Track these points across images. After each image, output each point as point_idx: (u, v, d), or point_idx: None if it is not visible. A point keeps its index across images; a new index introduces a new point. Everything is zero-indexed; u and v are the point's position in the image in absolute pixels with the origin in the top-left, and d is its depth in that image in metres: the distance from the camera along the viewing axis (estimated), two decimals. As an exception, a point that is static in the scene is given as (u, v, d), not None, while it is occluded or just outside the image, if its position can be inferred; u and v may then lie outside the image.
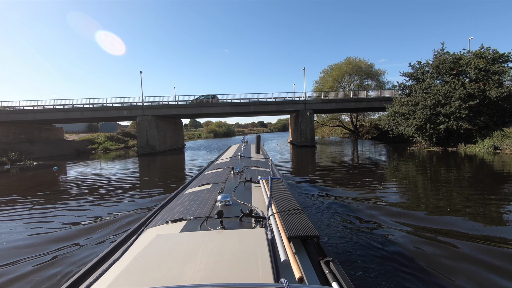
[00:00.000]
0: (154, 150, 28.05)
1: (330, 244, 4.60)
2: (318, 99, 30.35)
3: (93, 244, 5.08)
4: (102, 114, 28.31)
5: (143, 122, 27.84)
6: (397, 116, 22.42)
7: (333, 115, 45.24)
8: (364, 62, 41.08)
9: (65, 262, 4.36)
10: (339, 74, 41.17)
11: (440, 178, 10.73)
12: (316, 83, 45.83)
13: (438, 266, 3.84)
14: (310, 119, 29.14)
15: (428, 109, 19.33)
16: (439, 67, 20.27)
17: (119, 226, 5.99)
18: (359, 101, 30.35)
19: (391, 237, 4.93)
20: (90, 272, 1.70)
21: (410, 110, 20.96)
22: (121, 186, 11.15)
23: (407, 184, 10.15)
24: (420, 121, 19.71)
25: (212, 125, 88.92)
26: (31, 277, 3.93)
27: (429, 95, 19.70)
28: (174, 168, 17.85)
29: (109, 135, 43.11)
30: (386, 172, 12.91)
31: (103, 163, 22.36)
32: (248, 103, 29.76)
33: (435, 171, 12.52)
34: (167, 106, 28.96)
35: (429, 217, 6.11)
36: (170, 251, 1.47)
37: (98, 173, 15.65)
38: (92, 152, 35.71)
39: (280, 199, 2.51)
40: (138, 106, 28.39)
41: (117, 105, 28.51)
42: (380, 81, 42.14)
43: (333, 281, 1.33)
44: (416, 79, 22.43)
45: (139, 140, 28.03)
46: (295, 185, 9.84)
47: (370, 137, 39.40)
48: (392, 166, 14.78)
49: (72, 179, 14.02)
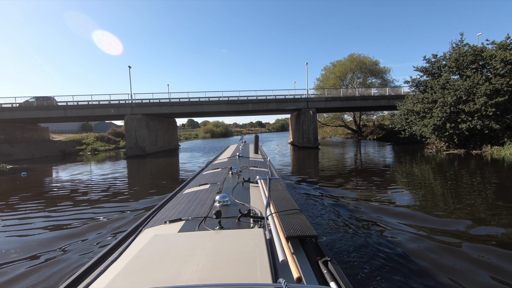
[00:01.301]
0: (143, 151, 25.79)
1: (328, 244, 4.56)
2: (322, 97, 28.20)
3: (91, 245, 4.99)
4: (87, 113, 26.01)
5: (132, 121, 25.58)
6: (410, 115, 20.31)
7: (336, 114, 43.10)
8: (368, 58, 38.96)
9: (60, 264, 4.29)
10: (342, 71, 39.01)
11: (460, 183, 9.44)
12: (318, 81, 43.75)
13: (437, 267, 3.81)
14: (313, 118, 27.00)
15: (448, 107, 17.24)
16: (458, 60, 18.18)
17: (117, 226, 5.87)
18: (365, 99, 28.25)
19: (390, 237, 4.86)
20: (88, 273, 1.69)
21: (426, 108, 18.86)
22: (92, 197, 8.99)
23: (418, 187, 9.26)
24: (439, 120, 17.61)
25: (209, 125, 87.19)
26: (27, 278, 3.88)
27: (448, 91, 17.61)
28: (163, 172, 15.62)
29: (99, 135, 40.73)
30: (395, 174, 12.00)
31: (86, 166, 20.28)
32: (246, 100, 27.58)
33: (455, 175, 10.85)
34: (158, 104, 26.71)
35: (436, 219, 5.80)
36: (168, 251, 1.47)
37: (73, 179, 13.41)
38: (79, 153, 33.50)
39: (278, 199, 2.49)
40: (127, 104, 26.13)
41: (104, 103, 26.25)
42: (385, 79, 40.05)
43: (331, 281, 1.32)
44: (431, 74, 20.35)
45: (128, 141, 25.74)
46: (293, 185, 9.60)
47: (375, 137, 37.32)
48: (404, 169, 13.02)
49: (36, 186, 11.79)
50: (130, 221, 6.10)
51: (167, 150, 32.04)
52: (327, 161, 17.79)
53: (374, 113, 45.18)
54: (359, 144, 31.83)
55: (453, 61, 18.35)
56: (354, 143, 32.92)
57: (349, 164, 15.74)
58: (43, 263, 4.33)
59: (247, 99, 27.70)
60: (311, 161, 18.68)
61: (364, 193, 8.44)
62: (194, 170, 13.63)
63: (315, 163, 17.51)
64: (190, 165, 17.82)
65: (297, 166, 16.48)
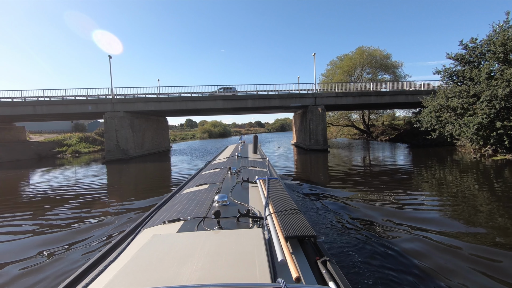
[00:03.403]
0: (126, 154, 22.21)
1: (327, 244, 4.44)
2: (331, 92, 24.68)
3: (89, 244, 4.89)
4: (61, 110, 22.40)
5: (112, 120, 21.99)
6: (444, 112, 16.84)
7: (343, 112, 39.57)
8: (379, 51, 35.37)
9: (59, 264, 4.21)
10: (351, 65, 35.44)
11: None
12: (323, 77, 40.19)
13: (438, 268, 3.73)
14: (322, 117, 23.51)
15: (498, 101, 13.79)
16: (506, 44, 14.74)
17: (115, 227, 5.74)
18: (381, 95, 24.76)
19: (389, 238, 4.77)
20: (86, 273, 1.66)
21: (465, 103, 15.41)
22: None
23: (441, 191, 8.49)
24: (485, 117, 14.16)
25: (207, 125, 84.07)
26: (24, 279, 3.82)
27: (497, 82, 14.16)
28: (145, 181, 12.08)
29: (83, 135, 37.05)
30: (418, 179, 10.46)
31: (54, 172, 16.78)
32: (245, 96, 24.06)
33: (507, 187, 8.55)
34: (144, 100, 23.11)
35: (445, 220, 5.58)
36: (167, 252, 1.45)
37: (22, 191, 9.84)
38: (58, 156, 29.92)
39: (277, 199, 2.47)
40: (107, 100, 22.54)
41: (81, 99, 22.67)
42: (397, 74, 36.51)
43: (330, 280, 1.31)
44: (467, 63, 16.89)
45: (107, 143, 22.14)
46: (292, 185, 9.44)
47: (387, 138, 33.86)
48: (432, 174, 9.40)
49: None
50: (129, 221, 6.02)
51: (156, 152, 28.46)
52: (342, 166, 14.30)
53: (383, 112, 41.78)
54: (369, 145, 28.29)
55: (500, 45, 14.88)
56: (363, 145, 29.33)
57: (371, 170, 12.27)
58: (41, 263, 4.25)
59: (246, 94, 24.20)
60: (322, 166, 15.20)
61: (360, 192, 8.19)
62: (178, 180, 10.30)
63: (327, 168, 14.04)
64: (172, 172, 14.27)
65: (306, 172, 12.99)
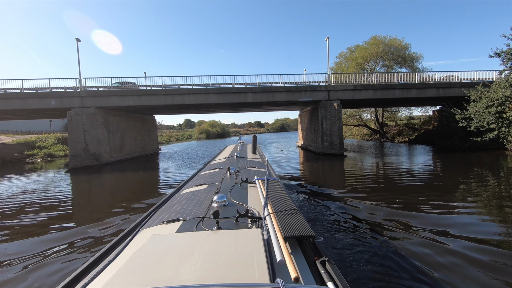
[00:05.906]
0: (97, 160, 17.96)
1: (325, 244, 4.45)
2: (349, 85, 20.47)
3: (88, 245, 4.87)
4: (18, 105, 18.15)
5: (79, 118, 17.77)
6: (506, 107, 12.70)
7: (354, 111, 35.36)
8: (397, 41, 31.11)
9: (57, 264, 4.21)
10: (365, 56, 31.20)
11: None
12: (331, 70, 35.97)
13: (437, 268, 3.72)
14: (338, 114, 19.34)
15: None
16: None
17: (114, 227, 5.72)
18: (407, 88, 20.61)
19: (388, 238, 4.75)
20: (85, 273, 1.65)
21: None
22: None
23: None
24: None
25: (204, 125, 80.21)
26: (23, 279, 3.83)
27: None
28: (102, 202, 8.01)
29: (61, 136, 32.83)
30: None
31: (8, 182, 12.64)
32: (245, 89, 19.85)
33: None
34: (121, 93, 18.87)
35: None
36: (165, 252, 1.45)
37: None
38: (27, 160, 25.71)
39: (276, 200, 2.46)
40: (74, 93, 18.31)
41: (43, 91, 18.46)
42: (415, 68, 32.36)
43: (329, 281, 1.31)
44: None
45: (72, 146, 17.84)
46: (291, 185, 9.29)
47: (406, 139, 29.70)
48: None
49: None
50: (128, 222, 5.99)
51: (140, 156, 24.23)
52: (376, 177, 10.12)
53: (398, 110, 37.62)
54: (385, 148, 23.98)
55: None
56: (380, 148, 25.04)
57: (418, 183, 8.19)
58: (40, 263, 4.29)
59: (246, 87, 20.02)
60: (352, 179, 11.02)
61: (359, 192, 8.23)
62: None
63: (355, 180, 9.89)
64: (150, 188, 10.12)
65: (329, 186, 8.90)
